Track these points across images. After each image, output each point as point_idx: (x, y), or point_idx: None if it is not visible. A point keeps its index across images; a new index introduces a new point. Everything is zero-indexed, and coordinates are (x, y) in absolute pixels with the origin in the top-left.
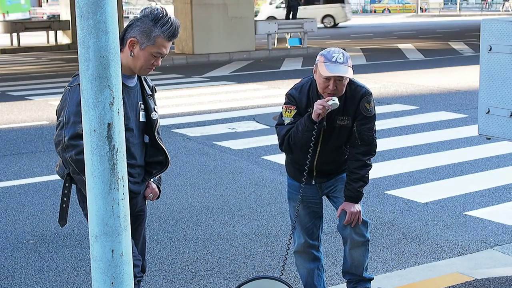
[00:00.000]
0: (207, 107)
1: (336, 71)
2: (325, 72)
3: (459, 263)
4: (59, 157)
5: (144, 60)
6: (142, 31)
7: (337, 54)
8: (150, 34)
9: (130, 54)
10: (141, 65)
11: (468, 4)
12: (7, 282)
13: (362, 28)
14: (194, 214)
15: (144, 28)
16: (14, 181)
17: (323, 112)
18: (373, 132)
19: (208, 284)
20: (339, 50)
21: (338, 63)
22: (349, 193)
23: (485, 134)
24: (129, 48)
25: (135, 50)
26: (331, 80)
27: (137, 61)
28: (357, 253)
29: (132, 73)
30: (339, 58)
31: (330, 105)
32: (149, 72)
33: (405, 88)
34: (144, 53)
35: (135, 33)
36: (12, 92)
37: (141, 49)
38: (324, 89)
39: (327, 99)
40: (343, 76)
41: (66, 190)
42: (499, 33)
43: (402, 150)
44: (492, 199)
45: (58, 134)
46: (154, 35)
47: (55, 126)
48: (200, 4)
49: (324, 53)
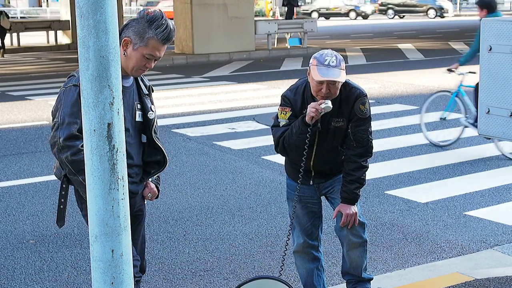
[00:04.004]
0: (207, 107)
1: (328, 76)
2: (317, 77)
3: (459, 263)
4: (56, 157)
5: (136, 61)
6: (136, 31)
7: (330, 58)
8: (143, 35)
9: (123, 54)
10: (133, 66)
11: (468, 4)
12: (7, 282)
13: (362, 28)
14: (194, 214)
15: (138, 28)
16: (14, 181)
17: (317, 115)
18: (368, 134)
19: (208, 284)
20: (332, 53)
21: (330, 67)
22: (345, 194)
23: (485, 134)
24: (122, 48)
25: (128, 50)
26: (324, 84)
27: (129, 61)
28: (355, 254)
29: (127, 72)
30: (331, 62)
31: (323, 108)
32: (141, 73)
33: (405, 88)
34: (136, 54)
35: (130, 33)
36: (12, 92)
37: (134, 49)
38: (317, 92)
39: (320, 102)
40: (337, 81)
41: (63, 191)
42: (499, 33)
43: (402, 150)
44: (492, 199)
45: (53, 135)
46: (147, 37)
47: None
48: (200, 4)
49: (317, 56)
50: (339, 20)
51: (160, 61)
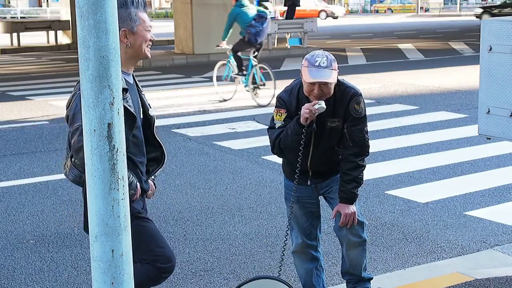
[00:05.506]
0: (207, 107)
1: (319, 77)
2: (308, 78)
3: (459, 263)
4: (81, 163)
5: (142, 39)
6: (124, 18)
7: (321, 58)
8: (131, 16)
9: (126, 46)
10: (140, 45)
11: (468, 4)
12: (7, 282)
13: (362, 28)
14: (194, 214)
15: (121, 16)
16: (14, 181)
17: (311, 116)
18: (364, 133)
19: (208, 284)
20: (323, 53)
21: (321, 68)
22: (343, 194)
23: (485, 134)
24: (123, 41)
25: (129, 38)
26: (316, 85)
27: (136, 45)
28: (354, 254)
29: (129, 68)
30: (322, 62)
31: (317, 109)
32: (149, 47)
33: (405, 88)
34: (138, 34)
35: (121, 25)
36: (12, 92)
37: (133, 33)
38: (310, 93)
39: (314, 103)
40: (328, 82)
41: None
42: (499, 33)
43: (402, 150)
44: (492, 199)
45: (79, 140)
46: (134, 14)
47: (70, 131)
48: (200, 4)
49: (308, 57)
50: None
51: (160, 61)
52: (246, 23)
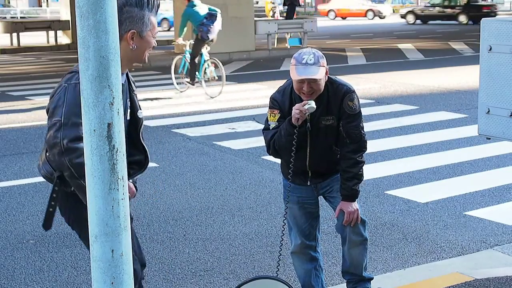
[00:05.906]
0: (207, 107)
1: (305, 74)
2: (295, 76)
3: (459, 263)
4: (54, 159)
5: (147, 45)
6: (135, 20)
7: (307, 56)
8: (144, 20)
9: (131, 47)
10: (144, 50)
11: None
12: (7, 282)
13: (362, 28)
14: (194, 214)
15: (134, 16)
16: (14, 181)
17: (302, 116)
18: (360, 129)
19: (208, 284)
20: (310, 51)
21: (308, 65)
22: (345, 192)
23: (485, 134)
24: (130, 43)
25: (135, 41)
26: (304, 82)
27: (140, 50)
28: (355, 253)
29: (123, 69)
30: (309, 60)
31: (307, 109)
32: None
33: (405, 88)
34: (146, 40)
35: (131, 26)
36: (12, 92)
37: (141, 37)
38: (300, 91)
39: (304, 103)
40: (315, 78)
41: (55, 194)
42: (499, 33)
43: (402, 150)
44: (492, 199)
45: (54, 135)
46: (147, 18)
47: (48, 125)
48: None
49: (296, 56)
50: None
51: (160, 61)
52: (198, 22)
